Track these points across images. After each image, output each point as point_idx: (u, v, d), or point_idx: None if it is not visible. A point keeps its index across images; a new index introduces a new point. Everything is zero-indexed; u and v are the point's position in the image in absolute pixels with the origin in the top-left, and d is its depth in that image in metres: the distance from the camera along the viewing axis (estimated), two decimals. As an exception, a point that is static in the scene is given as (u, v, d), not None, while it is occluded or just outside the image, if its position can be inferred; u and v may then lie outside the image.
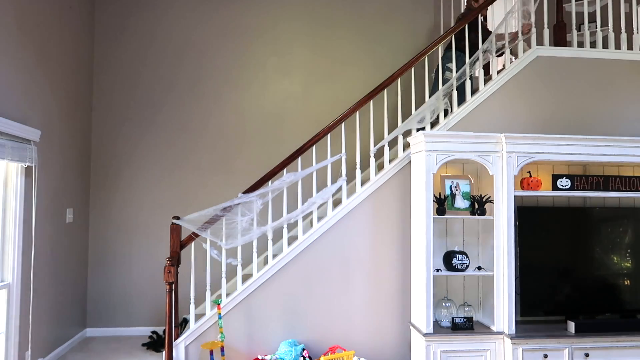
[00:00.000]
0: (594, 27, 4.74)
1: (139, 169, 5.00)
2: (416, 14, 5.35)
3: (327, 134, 3.95)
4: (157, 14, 5.10)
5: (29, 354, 3.60)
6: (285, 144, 4.88)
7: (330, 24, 5.28)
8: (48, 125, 3.96)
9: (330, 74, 5.23)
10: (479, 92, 3.97)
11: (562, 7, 4.29)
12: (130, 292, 4.89)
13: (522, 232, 3.54)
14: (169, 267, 3.50)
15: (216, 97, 5.12)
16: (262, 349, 3.74)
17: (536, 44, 4.05)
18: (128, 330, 4.86)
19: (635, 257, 3.69)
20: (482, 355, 3.38)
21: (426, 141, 3.43)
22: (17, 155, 3.31)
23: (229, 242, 3.71)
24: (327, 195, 3.87)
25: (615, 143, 3.53)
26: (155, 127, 5.03)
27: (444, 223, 3.77)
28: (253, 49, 5.19)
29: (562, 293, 3.61)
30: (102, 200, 4.94)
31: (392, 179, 3.93)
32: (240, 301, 3.74)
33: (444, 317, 3.58)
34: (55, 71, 4.13)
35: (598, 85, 4.07)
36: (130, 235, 4.95)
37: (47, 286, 3.97)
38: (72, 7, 4.46)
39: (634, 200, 3.85)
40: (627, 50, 4.14)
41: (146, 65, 5.06)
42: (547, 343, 3.32)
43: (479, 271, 3.55)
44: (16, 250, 3.46)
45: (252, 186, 3.80)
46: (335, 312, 3.83)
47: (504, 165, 3.45)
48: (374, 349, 3.82)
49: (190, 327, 3.70)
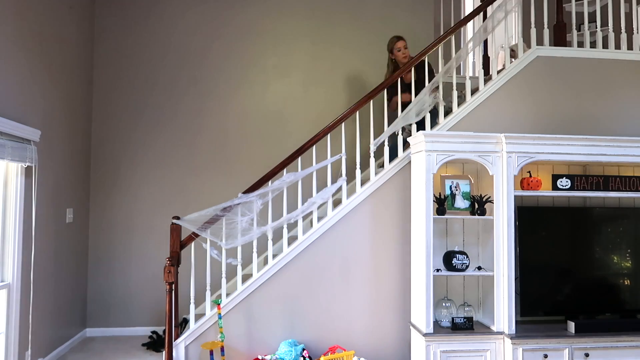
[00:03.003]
0: (594, 27, 4.74)
1: (139, 169, 5.00)
2: (416, 14, 5.35)
3: (327, 134, 3.95)
4: (157, 13, 5.10)
5: (29, 354, 3.60)
6: (285, 144, 4.88)
7: (331, 23, 5.28)
8: (48, 125, 3.96)
9: (330, 73, 5.24)
10: (479, 92, 3.97)
11: (562, 7, 4.29)
12: (130, 292, 4.89)
13: (522, 232, 3.54)
14: (169, 267, 3.50)
15: (216, 97, 5.12)
16: (262, 349, 3.74)
17: (536, 44, 4.05)
18: (128, 330, 4.86)
19: (635, 257, 3.69)
20: (482, 355, 3.38)
21: (426, 141, 3.43)
22: (17, 155, 3.31)
23: (229, 242, 3.71)
24: (327, 195, 3.87)
25: (615, 143, 3.52)
26: (155, 127, 5.03)
27: (444, 223, 3.77)
28: (253, 49, 5.19)
29: (562, 293, 3.61)
30: (102, 200, 4.94)
31: (392, 179, 3.93)
32: (240, 301, 3.74)
33: (444, 317, 3.58)
34: (55, 71, 4.13)
35: (598, 85, 4.07)
36: (130, 235, 4.95)
37: (47, 286, 3.97)
38: (72, 7, 4.46)
39: (634, 200, 3.85)
40: (627, 50, 4.14)
41: (146, 65, 5.06)
42: (547, 343, 3.32)
43: (479, 271, 3.55)
44: (16, 250, 3.46)
45: (252, 186, 3.80)
46: (335, 312, 3.83)
47: (504, 165, 3.45)
48: (374, 349, 3.82)
49: (190, 327, 3.70)
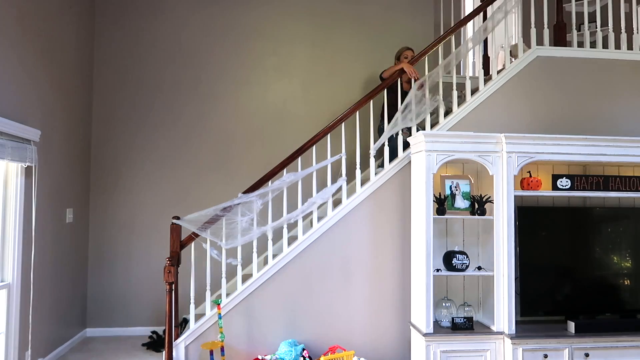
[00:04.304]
0: (594, 27, 4.74)
1: (139, 169, 5.00)
2: (416, 14, 5.35)
3: (327, 134, 3.95)
4: (157, 13, 5.10)
5: (29, 354, 3.60)
6: (285, 144, 4.88)
7: (330, 23, 5.28)
8: (48, 125, 3.96)
9: (330, 73, 5.24)
10: (479, 92, 3.97)
11: (562, 7, 4.29)
12: (130, 292, 4.89)
13: (522, 232, 3.53)
14: (169, 267, 3.50)
15: (216, 97, 5.12)
16: (262, 349, 3.74)
17: (536, 44, 4.06)
18: (128, 330, 4.86)
19: (635, 257, 3.68)
20: (482, 355, 3.38)
21: (426, 141, 3.43)
22: (17, 155, 3.31)
23: (229, 242, 3.71)
24: (327, 195, 3.87)
25: (615, 143, 3.52)
26: (155, 127, 5.03)
27: (444, 223, 3.77)
28: (253, 49, 5.19)
29: (562, 293, 3.61)
30: (102, 200, 4.94)
31: (392, 179, 3.93)
32: (240, 301, 3.74)
33: (444, 317, 3.57)
34: (55, 71, 4.13)
35: (598, 85, 4.07)
36: (130, 235, 4.94)
37: (47, 286, 3.97)
38: (72, 7, 4.46)
39: (634, 200, 3.85)
40: (627, 50, 4.15)
41: (146, 65, 5.06)
42: (547, 343, 3.32)
43: (479, 271, 3.55)
44: (16, 250, 3.46)
45: (252, 186, 3.80)
46: (335, 312, 3.83)
47: (504, 165, 3.45)
48: (374, 349, 3.82)
49: (190, 327, 3.70)
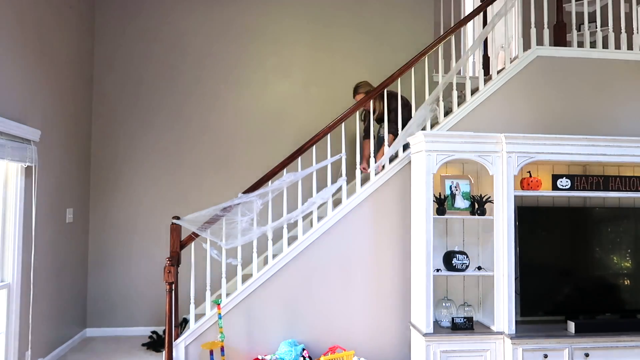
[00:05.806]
0: (594, 27, 4.75)
1: (139, 169, 5.00)
2: (416, 13, 5.35)
3: (327, 134, 3.95)
4: (157, 13, 5.10)
5: (29, 354, 3.60)
6: (285, 144, 4.88)
7: (331, 23, 5.28)
8: (48, 125, 3.96)
9: (330, 73, 5.23)
10: (479, 92, 3.97)
11: (562, 7, 4.29)
12: (130, 292, 4.89)
13: (522, 232, 3.53)
14: (169, 267, 3.50)
15: (216, 97, 5.12)
16: (262, 349, 3.74)
17: (536, 44, 4.05)
18: (128, 330, 4.86)
19: (635, 257, 3.68)
20: (482, 355, 3.38)
21: (426, 141, 3.43)
22: (17, 155, 3.31)
23: (229, 242, 3.71)
24: (327, 195, 3.87)
25: (615, 143, 3.52)
26: (155, 127, 5.03)
27: (444, 223, 3.77)
28: (253, 48, 5.18)
29: (562, 293, 3.61)
30: (102, 200, 4.94)
31: (392, 179, 3.93)
32: (240, 301, 3.74)
33: (444, 317, 3.57)
34: (55, 71, 4.13)
35: (598, 85, 4.07)
36: (130, 236, 4.94)
37: (47, 286, 3.97)
38: (72, 7, 4.46)
39: (634, 200, 3.85)
40: (627, 50, 4.14)
41: (146, 65, 5.06)
42: (547, 343, 3.32)
43: (479, 271, 3.55)
44: (16, 250, 3.46)
45: (252, 186, 3.80)
46: (335, 312, 3.83)
47: (504, 165, 3.45)
48: (374, 349, 3.82)
49: (190, 327, 3.70)
